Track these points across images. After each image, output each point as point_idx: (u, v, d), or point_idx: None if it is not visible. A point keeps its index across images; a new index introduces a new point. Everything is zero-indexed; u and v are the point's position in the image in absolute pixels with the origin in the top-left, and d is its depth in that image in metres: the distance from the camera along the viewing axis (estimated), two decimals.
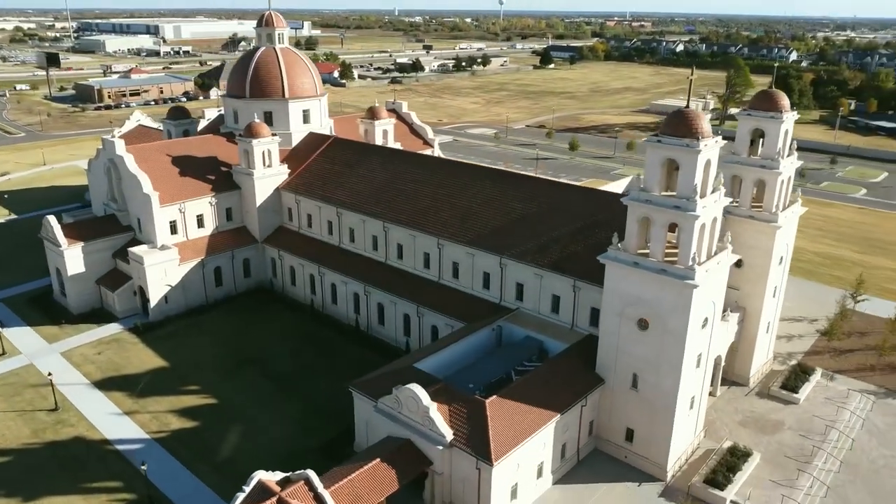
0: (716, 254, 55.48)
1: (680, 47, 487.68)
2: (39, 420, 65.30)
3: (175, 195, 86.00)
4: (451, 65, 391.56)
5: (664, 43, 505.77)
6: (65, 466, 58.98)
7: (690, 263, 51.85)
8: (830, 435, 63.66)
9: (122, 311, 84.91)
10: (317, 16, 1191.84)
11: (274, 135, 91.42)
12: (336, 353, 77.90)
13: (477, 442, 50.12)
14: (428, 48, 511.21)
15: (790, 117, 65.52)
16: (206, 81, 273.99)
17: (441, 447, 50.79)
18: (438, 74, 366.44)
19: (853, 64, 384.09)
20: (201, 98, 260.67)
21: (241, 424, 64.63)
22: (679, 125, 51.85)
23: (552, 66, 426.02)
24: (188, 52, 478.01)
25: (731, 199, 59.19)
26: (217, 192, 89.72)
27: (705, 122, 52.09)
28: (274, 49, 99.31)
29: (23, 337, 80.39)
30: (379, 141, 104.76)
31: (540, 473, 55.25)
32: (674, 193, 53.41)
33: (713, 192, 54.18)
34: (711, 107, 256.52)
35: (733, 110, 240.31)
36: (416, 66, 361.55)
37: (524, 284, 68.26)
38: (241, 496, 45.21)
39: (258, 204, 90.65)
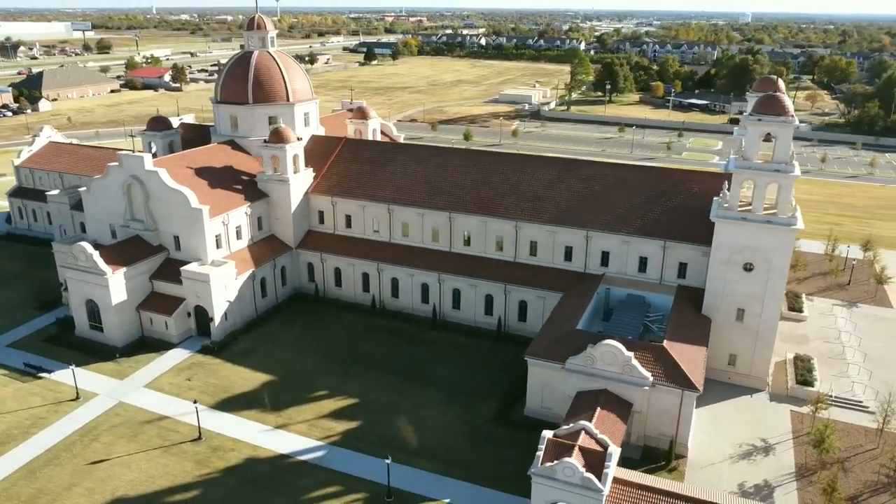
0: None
1: (483, 41, 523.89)
2: (191, 452, 61.98)
3: (217, 207, 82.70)
4: None
5: (469, 37, 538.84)
6: (263, 487, 57.78)
7: (791, 213, 66.32)
8: (843, 338, 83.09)
9: (179, 336, 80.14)
10: (72, 15, 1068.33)
11: (299, 139, 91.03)
12: (423, 341, 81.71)
13: (676, 377, 59.94)
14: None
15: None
16: (25, 91, 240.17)
17: (646, 387, 59.81)
18: None
19: (634, 51, 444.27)
20: (29, 111, 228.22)
21: (401, 415, 67.19)
22: (774, 106, 65.78)
23: (375, 62, 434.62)
24: None
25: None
26: (250, 201, 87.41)
27: (790, 103, 66.63)
28: (269, 52, 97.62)
29: (82, 378, 72.70)
30: (370, 139, 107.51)
31: None
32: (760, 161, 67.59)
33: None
34: (548, 94, 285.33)
35: (574, 95, 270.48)
36: None
37: (610, 252, 78.57)
38: (540, 454, 50.57)
39: (293, 209, 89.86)
